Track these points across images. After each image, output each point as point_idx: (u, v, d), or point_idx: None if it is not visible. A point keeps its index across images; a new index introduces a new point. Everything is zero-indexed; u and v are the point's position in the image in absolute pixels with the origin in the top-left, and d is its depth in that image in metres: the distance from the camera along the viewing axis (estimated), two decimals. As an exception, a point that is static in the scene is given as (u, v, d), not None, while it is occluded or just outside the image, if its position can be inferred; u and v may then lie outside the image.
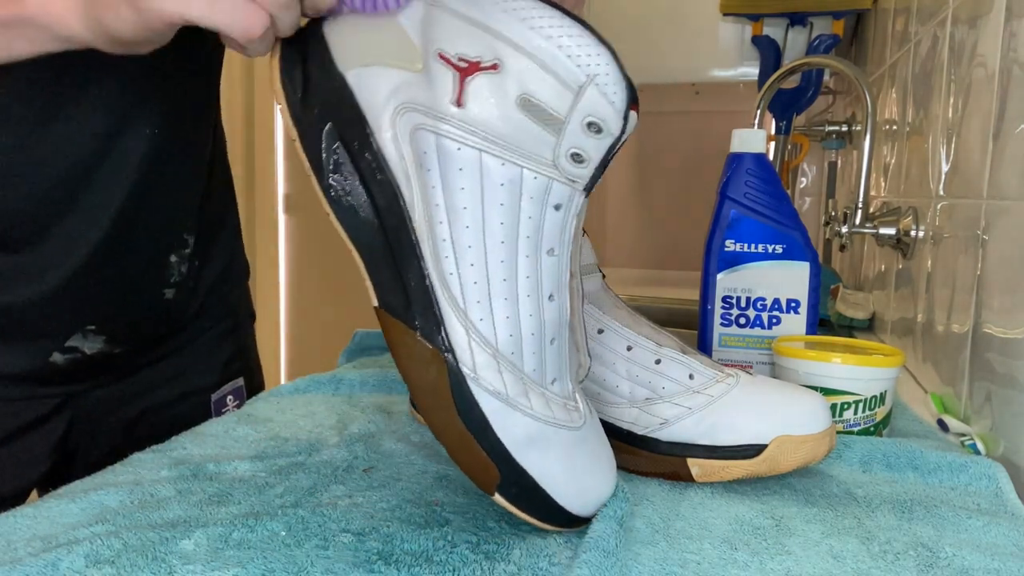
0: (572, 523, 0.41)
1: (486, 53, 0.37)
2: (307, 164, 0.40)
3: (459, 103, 0.37)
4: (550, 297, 0.39)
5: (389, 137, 0.38)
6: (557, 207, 0.38)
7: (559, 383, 0.40)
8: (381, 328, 0.40)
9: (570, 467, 0.40)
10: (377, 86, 0.39)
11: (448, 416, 0.38)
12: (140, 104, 0.59)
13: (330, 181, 0.39)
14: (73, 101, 0.56)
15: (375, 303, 0.40)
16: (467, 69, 0.37)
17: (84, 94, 0.56)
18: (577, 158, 0.37)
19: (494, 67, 0.37)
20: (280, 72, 0.40)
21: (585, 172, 0.38)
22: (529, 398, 0.39)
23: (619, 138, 0.37)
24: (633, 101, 0.40)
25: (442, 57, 0.37)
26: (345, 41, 0.39)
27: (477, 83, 0.37)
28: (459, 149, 0.37)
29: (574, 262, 0.45)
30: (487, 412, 0.38)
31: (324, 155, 0.39)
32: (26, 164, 0.56)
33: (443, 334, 0.38)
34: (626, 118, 0.36)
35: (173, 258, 0.67)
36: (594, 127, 0.36)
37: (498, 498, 0.40)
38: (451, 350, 0.38)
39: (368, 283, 0.40)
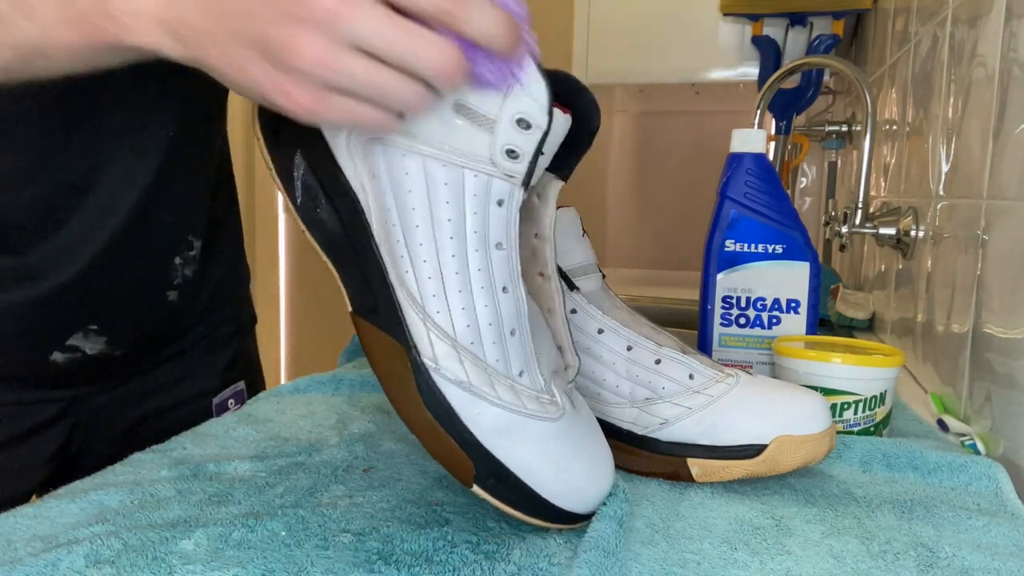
0: (567, 520, 0.41)
1: None
2: (282, 188, 0.44)
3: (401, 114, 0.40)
4: (504, 289, 0.41)
5: (345, 154, 0.42)
6: (500, 203, 0.41)
7: (527, 375, 0.42)
8: (356, 333, 0.42)
9: (550, 459, 0.40)
10: None
11: (417, 410, 0.40)
12: (158, 109, 0.59)
13: (302, 201, 0.43)
14: (93, 106, 0.56)
15: (350, 309, 0.43)
16: None
17: (102, 101, 0.56)
18: (512, 154, 0.40)
19: None
20: (258, 110, 0.44)
21: (520, 167, 0.40)
22: (495, 388, 0.40)
23: (546, 131, 0.40)
24: (569, 98, 0.43)
25: None
26: None
27: None
28: (403, 156, 0.40)
29: (549, 265, 0.47)
30: (453, 402, 0.40)
31: (295, 179, 0.43)
32: (38, 169, 0.55)
33: (405, 330, 0.41)
34: (550, 113, 0.39)
35: (177, 260, 0.67)
36: (523, 123, 0.39)
37: (477, 490, 0.40)
38: (413, 344, 0.41)
39: (343, 291, 0.43)
